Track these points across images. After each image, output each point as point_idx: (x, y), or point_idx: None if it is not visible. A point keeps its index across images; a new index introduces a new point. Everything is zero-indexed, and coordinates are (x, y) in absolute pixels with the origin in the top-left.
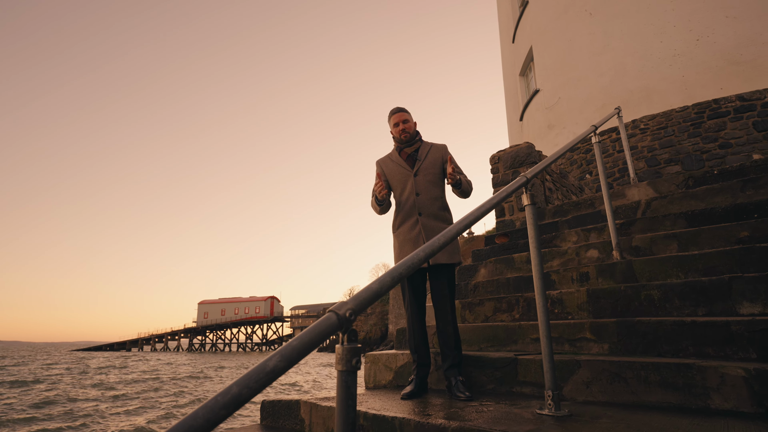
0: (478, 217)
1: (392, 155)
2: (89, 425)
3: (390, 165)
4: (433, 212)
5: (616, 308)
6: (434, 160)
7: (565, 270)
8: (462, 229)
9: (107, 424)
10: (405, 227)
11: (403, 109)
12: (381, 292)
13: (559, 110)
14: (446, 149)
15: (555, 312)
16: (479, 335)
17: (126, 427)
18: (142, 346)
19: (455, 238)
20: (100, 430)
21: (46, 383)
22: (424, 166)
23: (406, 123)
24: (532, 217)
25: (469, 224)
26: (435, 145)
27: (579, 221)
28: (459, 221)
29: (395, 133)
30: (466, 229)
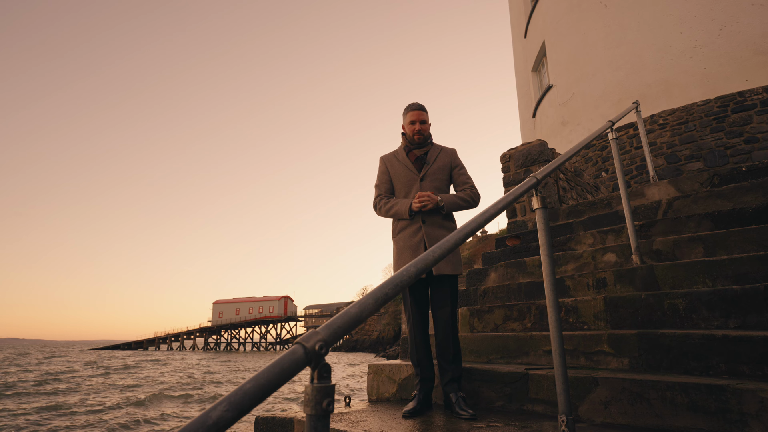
0: (481, 224)
1: (399, 154)
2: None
3: (395, 164)
4: (437, 220)
5: (636, 318)
6: (443, 165)
7: (581, 275)
8: (462, 239)
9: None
10: (406, 233)
11: (423, 107)
12: (361, 317)
13: (572, 106)
14: (456, 154)
15: (569, 321)
16: (488, 346)
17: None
18: (158, 345)
19: (453, 249)
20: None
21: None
22: (432, 171)
23: (423, 124)
24: (543, 222)
25: (470, 233)
26: (445, 149)
27: (595, 222)
28: (458, 230)
29: (409, 132)
30: (467, 238)
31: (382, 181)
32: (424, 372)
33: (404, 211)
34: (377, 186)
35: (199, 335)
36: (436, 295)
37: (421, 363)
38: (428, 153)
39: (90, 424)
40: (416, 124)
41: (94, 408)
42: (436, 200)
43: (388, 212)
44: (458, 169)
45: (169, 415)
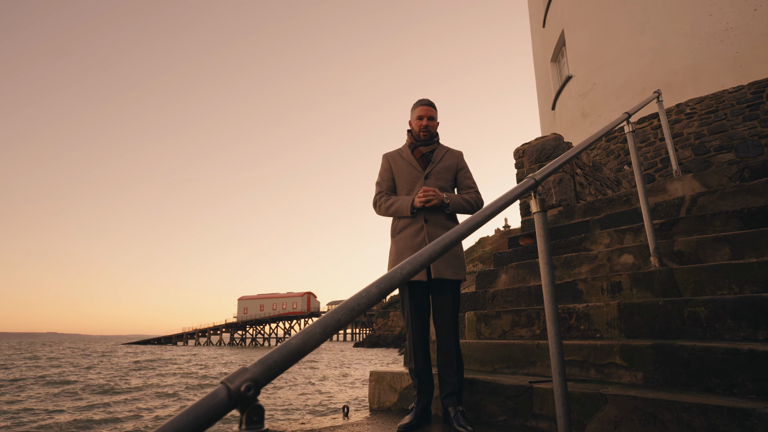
0: (473, 228)
1: (403, 152)
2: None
3: (399, 162)
4: (441, 221)
5: (652, 327)
6: (449, 165)
7: (594, 278)
8: (448, 246)
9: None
10: (407, 233)
11: (432, 103)
12: (305, 349)
13: (593, 97)
14: (462, 157)
15: (580, 329)
16: (493, 354)
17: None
18: (186, 340)
19: (441, 254)
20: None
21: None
22: (437, 170)
23: (431, 120)
24: (542, 227)
25: (464, 234)
26: (451, 150)
27: (612, 221)
28: (451, 232)
29: (416, 127)
30: (460, 240)
31: (384, 179)
32: (423, 384)
33: (406, 207)
34: (378, 183)
35: (225, 331)
36: (436, 302)
37: (420, 374)
38: (434, 152)
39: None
40: (424, 120)
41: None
42: (441, 197)
43: (389, 210)
44: (464, 172)
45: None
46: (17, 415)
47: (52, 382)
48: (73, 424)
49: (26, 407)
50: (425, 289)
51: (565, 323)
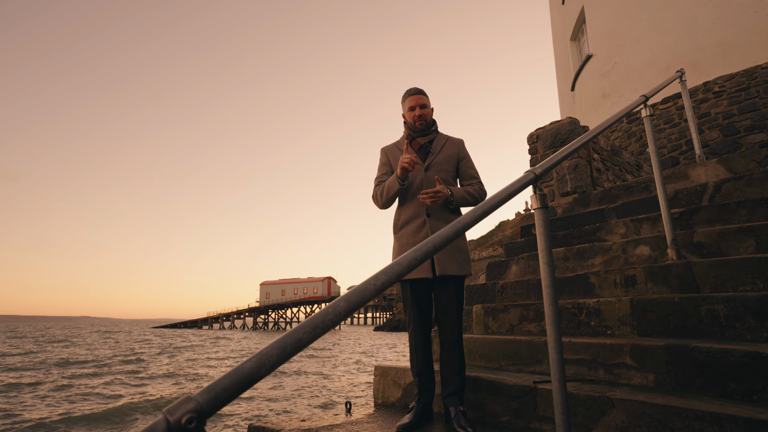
0: (468, 225)
1: (401, 144)
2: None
3: (398, 155)
4: (444, 215)
5: (667, 325)
6: (449, 155)
7: (607, 271)
8: (451, 237)
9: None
10: (410, 228)
11: (422, 91)
12: (259, 374)
13: (614, 76)
14: (463, 145)
15: (591, 325)
16: (499, 350)
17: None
18: (211, 324)
19: (431, 255)
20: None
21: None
22: (437, 161)
23: (424, 108)
24: (542, 224)
25: (459, 231)
26: (451, 139)
27: (629, 209)
28: (435, 237)
29: (409, 119)
30: (456, 237)
31: (383, 173)
32: (423, 382)
33: (393, 180)
34: (377, 178)
35: (248, 315)
36: (440, 298)
37: (421, 372)
38: (433, 141)
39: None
40: (416, 110)
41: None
42: (446, 194)
43: (383, 195)
44: (466, 161)
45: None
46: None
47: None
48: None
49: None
50: (428, 285)
51: (575, 319)
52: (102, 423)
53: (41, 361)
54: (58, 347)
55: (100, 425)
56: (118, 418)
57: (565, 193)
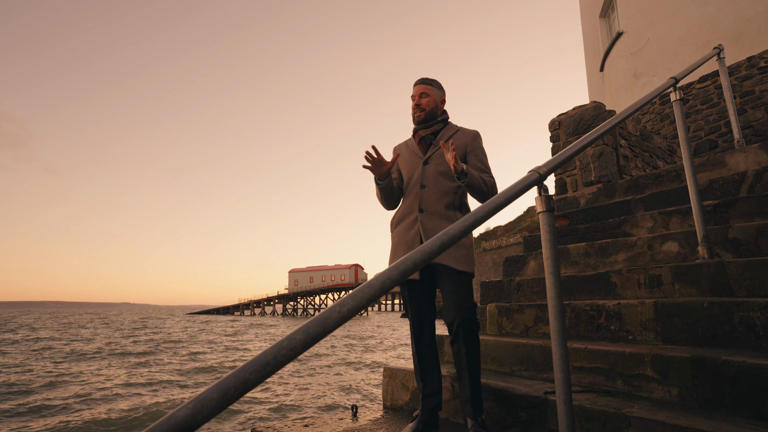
0: (454, 237)
1: (409, 139)
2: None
3: (404, 150)
4: (438, 210)
5: (695, 333)
6: (456, 147)
7: (630, 270)
8: (447, 243)
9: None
10: (402, 226)
11: (426, 80)
12: (195, 421)
13: (647, 54)
14: (477, 138)
15: (610, 329)
16: (512, 354)
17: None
18: (243, 310)
19: (410, 273)
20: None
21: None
22: (439, 153)
23: (424, 97)
24: (548, 230)
25: (431, 255)
26: (463, 130)
27: (658, 200)
28: (417, 252)
29: (411, 109)
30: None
31: (393, 169)
32: (427, 388)
33: (374, 180)
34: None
35: (278, 302)
36: (443, 295)
37: (424, 377)
38: (439, 133)
39: None
40: (415, 99)
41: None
42: (461, 166)
43: (378, 196)
44: (474, 154)
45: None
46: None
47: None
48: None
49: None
50: (428, 283)
51: (594, 322)
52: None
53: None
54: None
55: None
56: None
57: (589, 183)
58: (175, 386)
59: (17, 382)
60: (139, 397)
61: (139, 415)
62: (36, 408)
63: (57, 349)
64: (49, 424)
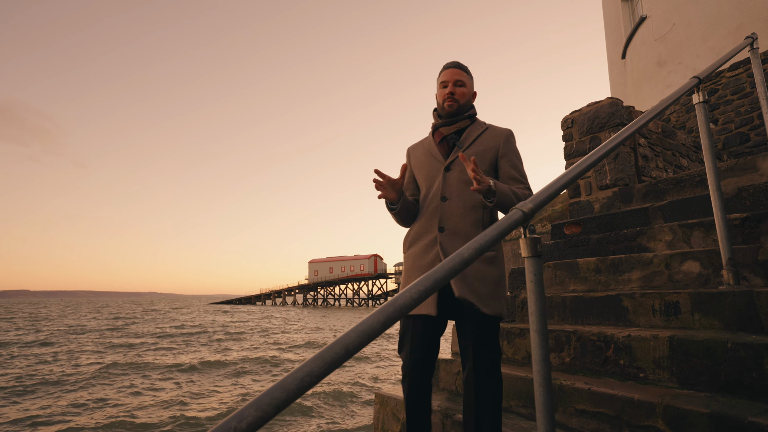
0: (445, 277)
1: (426, 139)
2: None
3: (419, 152)
4: (463, 229)
5: (716, 377)
6: (484, 149)
7: (644, 294)
8: (461, 265)
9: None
10: (418, 248)
11: (461, 65)
12: None
13: (672, 40)
14: (510, 138)
15: (620, 364)
16: (509, 387)
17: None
18: (264, 300)
19: (393, 320)
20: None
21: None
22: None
23: (460, 86)
24: (533, 279)
25: (461, 265)
26: (493, 128)
27: (679, 209)
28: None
29: (440, 97)
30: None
31: (407, 182)
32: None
33: (386, 203)
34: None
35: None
36: (460, 335)
37: (412, 426)
38: (464, 132)
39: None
40: (449, 86)
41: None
42: (486, 183)
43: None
44: (508, 158)
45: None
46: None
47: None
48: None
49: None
50: (437, 325)
51: (601, 354)
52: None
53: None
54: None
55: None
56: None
57: (604, 186)
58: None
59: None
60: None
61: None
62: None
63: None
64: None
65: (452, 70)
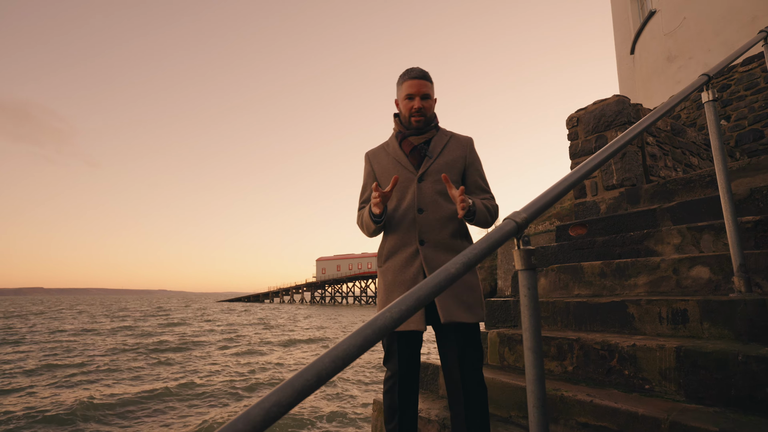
0: (437, 289)
1: (389, 146)
2: None
3: (383, 160)
4: (443, 240)
5: (726, 391)
6: (453, 159)
7: (651, 299)
8: (447, 281)
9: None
10: (397, 260)
11: (426, 74)
12: None
13: (682, 35)
14: (472, 145)
15: (624, 374)
16: (509, 397)
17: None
18: (272, 298)
19: (371, 344)
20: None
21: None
22: (436, 167)
23: (426, 99)
24: (528, 295)
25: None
26: (456, 137)
27: (688, 211)
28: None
29: (404, 110)
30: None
31: (366, 187)
32: None
33: (368, 216)
34: (360, 195)
35: (306, 290)
36: (443, 354)
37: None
38: (431, 141)
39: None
40: (415, 100)
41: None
42: (469, 204)
43: (363, 226)
44: (474, 168)
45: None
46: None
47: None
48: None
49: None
50: (420, 334)
51: (605, 363)
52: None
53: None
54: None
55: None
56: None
57: (611, 187)
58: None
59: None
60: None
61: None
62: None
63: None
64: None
65: (418, 81)
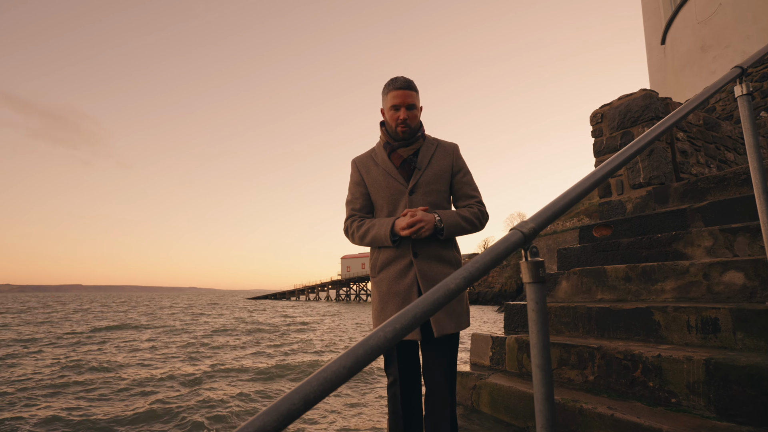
0: (436, 305)
1: (377, 155)
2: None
3: (372, 170)
4: (435, 252)
5: (762, 408)
6: (441, 169)
7: (679, 306)
8: (445, 298)
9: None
10: (391, 272)
11: (411, 84)
12: None
13: (718, 23)
14: (458, 152)
15: (649, 386)
16: (528, 406)
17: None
18: (298, 296)
19: (366, 362)
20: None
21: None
22: (426, 179)
23: (411, 110)
24: (536, 308)
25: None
26: (442, 145)
27: (721, 211)
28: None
29: (390, 120)
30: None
31: (356, 196)
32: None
33: (384, 236)
34: (349, 202)
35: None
36: (430, 359)
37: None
38: (419, 152)
39: None
40: (401, 111)
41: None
42: (434, 221)
43: (364, 239)
44: (462, 174)
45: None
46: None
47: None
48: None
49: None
50: (416, 344)
51: (628, 374)
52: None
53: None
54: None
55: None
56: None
57: (637, 185)
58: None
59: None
60: None
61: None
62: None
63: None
64: None
65: (403, 92)
